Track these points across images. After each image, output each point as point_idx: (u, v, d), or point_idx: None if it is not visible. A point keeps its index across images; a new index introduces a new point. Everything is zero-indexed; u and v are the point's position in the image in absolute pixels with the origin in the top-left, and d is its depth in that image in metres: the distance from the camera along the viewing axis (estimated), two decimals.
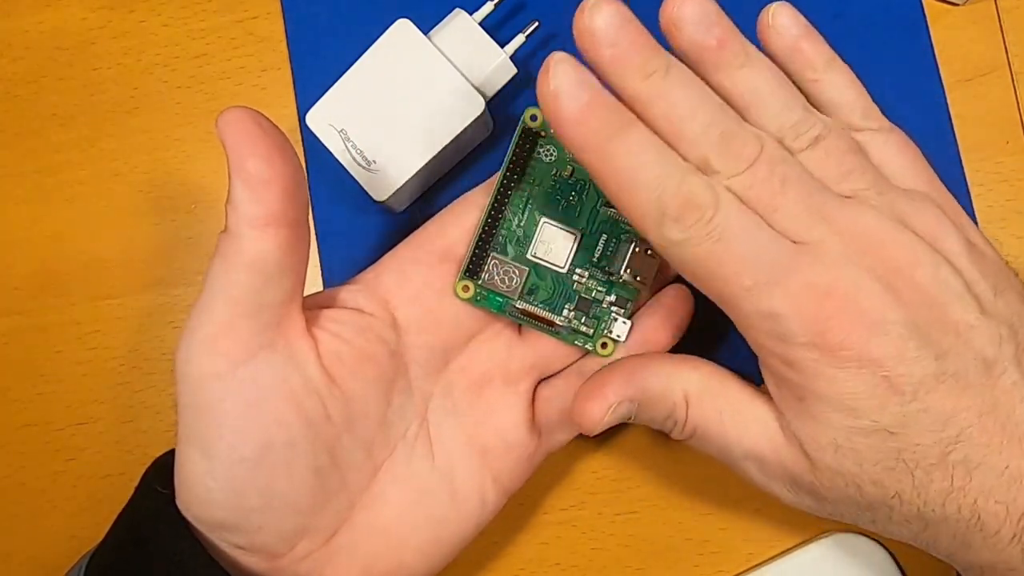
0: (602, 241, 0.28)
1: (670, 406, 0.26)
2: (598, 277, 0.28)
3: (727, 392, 0.26)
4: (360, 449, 0.27)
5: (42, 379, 0.34)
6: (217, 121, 0.23)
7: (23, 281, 0.34)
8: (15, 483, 0.33)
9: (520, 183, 0.28)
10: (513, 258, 0.28)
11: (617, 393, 0.26)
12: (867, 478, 0.24)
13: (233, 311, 0.24)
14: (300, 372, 0.25)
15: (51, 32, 0.34)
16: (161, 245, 0.34)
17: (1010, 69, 0.32)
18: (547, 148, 0.28)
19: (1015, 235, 0.32)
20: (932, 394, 0.23)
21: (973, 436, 0.23)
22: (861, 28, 0.32)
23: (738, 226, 0.23)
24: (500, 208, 0.28)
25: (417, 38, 0.29)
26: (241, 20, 0.34)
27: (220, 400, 0.24)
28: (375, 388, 0.27)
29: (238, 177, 0.23)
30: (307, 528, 0.26)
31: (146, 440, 0.33)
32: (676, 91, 0.24)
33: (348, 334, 0.26)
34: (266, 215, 0.23)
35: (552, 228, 0.28)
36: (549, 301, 0.28)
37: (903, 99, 0.32)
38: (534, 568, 0.32)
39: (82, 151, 0.34)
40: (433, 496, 0.28)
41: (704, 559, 0.32)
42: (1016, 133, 0.32)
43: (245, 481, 0.24)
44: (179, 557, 0.25)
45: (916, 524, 0.24)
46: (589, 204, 0.28)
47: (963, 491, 0.23)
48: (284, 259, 0.24)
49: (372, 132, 0.29)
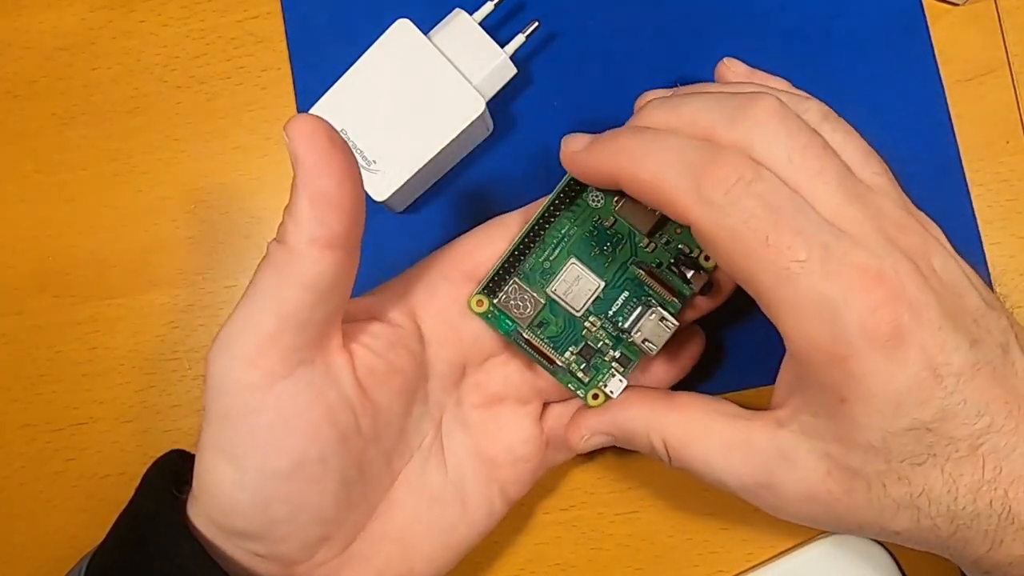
0: (623, 298, 0.28)
1: (648, 447, 0.27)
2: (608, 330, 0.28)
3: (712, 434, 0.26)
4: (382, 459, 0.27)
5: (42, 379, 0.34)
6: (287, 128, 0.23)
7: (23, 281, 0.34)
8: (15, 483, 0.33)
9: (561, 218, 0.27)
10: (533, 288, 0.28)
11: (590, 428, 0.28)
12: (894, 475, 0.23)
13: (281, 326, 0.23)
14: (336, 388, 0.25)
15: (51, 32, 0.34)
16: (161, 245, 0.34)
17: (1010, 69, 0.32)
18: (596, 194, 0.27)
19: (1015, 235, 0.31)
20: (970, 384, 0.22)
21: (1003, 425, 0.23)
22: (861, 28, 0.32)
23: (787, 196, 0.23)
24: (535, 237, 0.27)
25: (417, 38, 0.29)
26: (241, 20, 0.34)
27: (256, 413, 0.24)
28: (400, 399, 0.27)
29: (307, 195, 0.23)
30: (328, 537, 0.26)
31: (146, 440, 0.33)
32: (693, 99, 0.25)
33: (381, 348, 0.26)
34: (330, 237, 0.23)
35: (578, 270, 0.28)
36: (555, 339, 0.28)
37: (903, 99, 0.32)
38: (534, 568, 0.32)
39: (82, 151, 0.34)
40: (444, 505, 0.28)
41: (704, 559, 0.32)
42: (1016, 133, 0.32)
43: (275, 493, 0.24)
44: (180, 559, 0.24)
45: (945, 527, 0.23)
46: (621, 258, 0.28)
47: (994, 483, 0.23)
48: (339, 280, 0.24)
49: (372, 132, 0.29)
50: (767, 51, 0.32)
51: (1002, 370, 0.23)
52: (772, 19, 0.32)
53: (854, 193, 0.24)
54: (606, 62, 0.32)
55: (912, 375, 0.22)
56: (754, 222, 0.22)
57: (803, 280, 0.22)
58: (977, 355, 0.23)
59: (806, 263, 0.22)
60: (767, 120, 0.24)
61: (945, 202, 0.31)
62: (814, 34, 0.32)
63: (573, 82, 0.32)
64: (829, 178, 0.23)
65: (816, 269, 0.22)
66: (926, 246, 0.24)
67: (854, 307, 0.22)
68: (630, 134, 0.25)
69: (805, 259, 0.22)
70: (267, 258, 0.24)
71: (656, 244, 0.27)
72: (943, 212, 0.26)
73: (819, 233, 0.22)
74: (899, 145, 0.31)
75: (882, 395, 0.22)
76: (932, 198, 0.26)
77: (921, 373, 0.22)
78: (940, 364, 0.22)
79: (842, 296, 0.22)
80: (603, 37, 0.32)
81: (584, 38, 0.32)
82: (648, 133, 0.25)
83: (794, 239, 0.22)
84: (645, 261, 0.28)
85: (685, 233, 0.27)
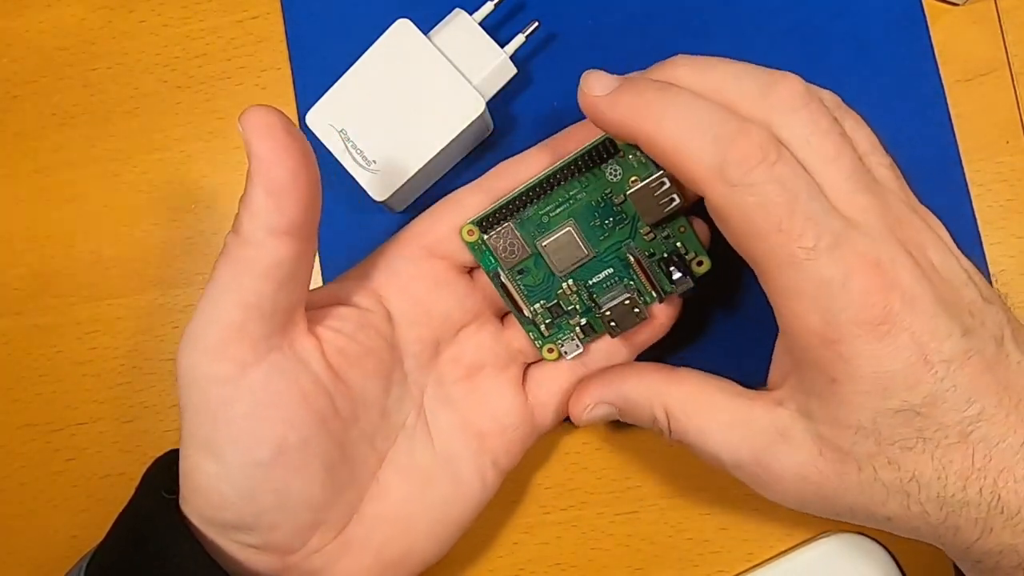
0: (606, 273, 0.28)
1: (650, 416, 0.27)
2: (582, 297, 0.28)
3: (713, 408, 0.26)
4: (365, 441, 0.27)
5: (42, 379, 0.34)
6: (242, 119, 0.23)
7: (23, 281, 0.34)
8: (15, 483, 0.33)
9: (573, 180, 0.27)
10: (524, 236, 0.28)
11: (594, 396, 0.28)
12: (884, 458, 0.23)
13: (244, 315, 0.23)
14: (307, 371, 0.25)
15: (51, 32, 0.34)
16: (161, 245, 0.34)
17: (1010, 69, 0.32)
18: (615, 168, 0.27)
19: (1015, 235, 0.31)
20: (960, 371, 0.23)
21: (993, 415, 0.23)
22: (861, 28, 0.32)
23: (804, 181, 0.23)
24: (543, 189, 0.27)
25: (417, 38, 0.29)
26: (241, 20, 0.34)
27: (230, 405, 0.24)
28: (375, 380, 0.27)
29: (261, 184, 0.23)
30: (320, 523, 0.26)
31: (146, 440, 0.33)
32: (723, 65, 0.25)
33: (349, 330, 0.26)
34: (287, 225, 0.23)
35: (573, 235, 0.28)
36: (531, 289, 0.28)
37: (903, 99, 0.32)
38: (534, 567, 0.32)
39: (82, 151, 0.34)
40: (436, 481, 0.28)
41: (704, 559, 0.32)
42: (1016, 133, 0.32)
43: (260, 483, 0.24)
44: (179, 558, 0.24)
45: (935, 514, 0.24)
46: (618, 237, 0.28)
47: (983, 472, 0.23)
48: (297, 267, 0.24)
49: (372, 132, 0.29)
50: (768, 50, 0.32)
51: (994, 361, 0.23)
52: (773, 18, 0.32)
53: (864, 183, 0.24)
54: (606, 62, 0.32)
55: (902, 359, 0.23)
56: (770, 207, 0.23)
57: (807, 266, 0.23)
58: (969, 344, 0.23)
59: (812, 250, 0.23)
60: (793, 99, 0.24)
61: (945, 201, 0.30)
62: (815, 34, 0.32)
63: (573, 82, 0.32)
64: (843, 165, 0.24)
65: (821, 257, 0.23)
66: (926, 239, 0.24)
67: (848, 292, 0.23)
68: (658, 91, 0.24)
69: (812, 246, 0.23)
70: (225, 251, 0.24)
71: (656, 235, 0.27)
72: (943, 211, 0.26)
73: (828, 221, 0.23)
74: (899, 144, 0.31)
75: (871, 376, 0.23)
76: (932, 197, 0.26)
77: (911, 357, 0.23)
78: (931, 350, 0.23)
79: (839, 281, 0.23)
80: (603, 37, 0.32)
81: (584, 38, 0.32)
82: (677, 93, 0.24)
83: (805, 226, 0.23)
84: (639, 247, 0.28)
85: (689, 234, 0.27)
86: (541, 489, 0.32)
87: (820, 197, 0.23)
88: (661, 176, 0.26)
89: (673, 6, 0.32)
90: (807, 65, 0.31)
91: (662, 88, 0.24)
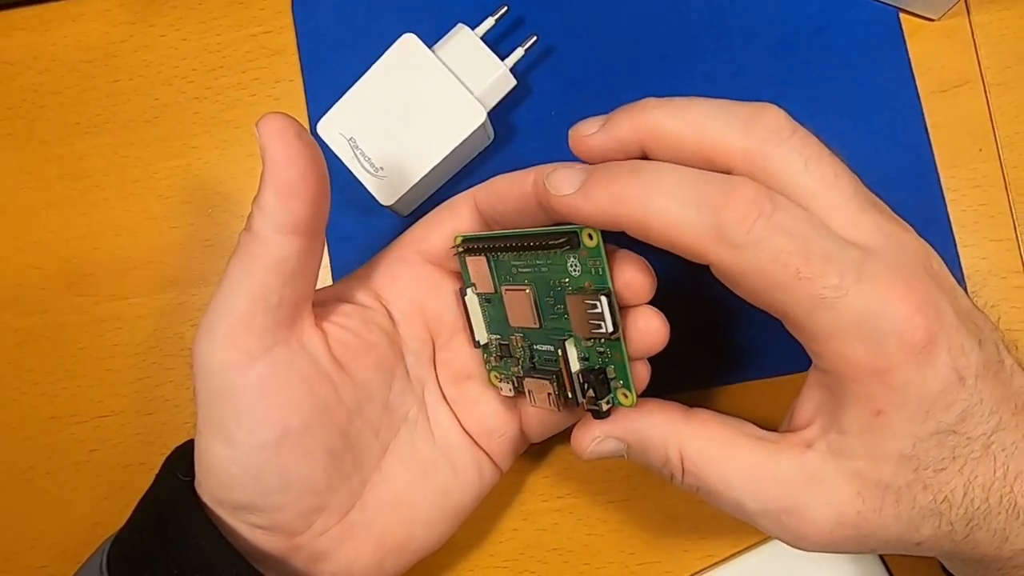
0: (545, 348, 0.26)
1: (663, 458, 0.25)
2: (526, 353, 0.27)
3: (735, 452, 0.24)
4: (369, 431, 0.27)
5: (67, 374, 0.34)
6: (258, 124, 0.23)
7: (49, 281, 0.34)
8: (42, 472, 0.34)
9: (543, 252, 0.25)
10: (495, 275, 0.27)
11: (604, 430, 0.25)
12: (920, 484, 0.22)
13: (253, 307, 0.24)
14: (312, 360, 0.25)
15: (76, 46, 0.35)
16: (180, 247, 0.34)
17: (983, 81, 0.32)
18: (575, 263, 0.24)
19: (988, 238, 0.32)
20: (985, 383, 0.22)
21: (1008, 421, 0.22)
22: (842, 42, 0.32)
23: (807, 221, 0.21)
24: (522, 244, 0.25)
25: (422, 51, 0.29)
26: (255, 35, 0.34)
27: (239, 390, 0.24)
28: (378, 373, 0.27)
29: (272, 185, 0.24)
30: (324, 506, 0.26)
31: (165, 432, 0.33)
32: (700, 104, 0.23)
33: (352, 325, 0.27)
34: (294, 223, 0.24)
35: (528, 299, 0.25)
36: (492, 320, 0.27)
37: (882, 109, 0.32)
38: (533, 552, 0.32)
39: (105, 158, 0.34)
40: (436, 471, 0.28)
41: (694, 544, 0.32)
42: (988, 141, 0.32)
43: (265, 465, 0.25)
44: (195, 540, 0.25)
45: (961, 530, 0.22)
46: (562, 324, 0.25)
47: (1003, 480, 0.22)
48: (303, 263, 0.24)
49: (380, 140, 0.30)
50: (755, 64, 0.32)
51: (999, 368, 0.22)
52: (759, 33, 0.32)
53: (867, 200, 0.23)
54: (600, 74, 0.33)
55: (942, 379, 0.21)
56: (783, 258, 0.21)
57: (839, 304, 0.21)
58: (986, 355, 0.22)
59: (839, 287, 0.21)
60: (780, 129, 0.22)
61: (921, 206, 0.31)
62: (799, 48, 0.32)
63: (569, 93, 0.33)
64: (845, 186, 0.22)
65: (850, 290, 0.21)
66: (925, 249, 0.23)
67: (891, 319, 0.21)
68: (630, 172, 0.22)
69: (838, 284, 0.21)
70: (237, 247, 0.24)
71: (594, 344, 0.24)
72: (920, 216, 0.25)
73: (845, 254, 0.21)
74: (878, 152, 0.32)
75: (916, 401, 0.21)
76: (909, 202, 0.26)
77: (949, 376, 0.21)
78: (962, 366, 0.22)
79: (876, 310, 0.21)
80: (598, 50, 0.33)
81: (579, 52, 0.33)
82: (648, 169, 0.22)
83: (825, 266, 0.21)
84: (576, 347, 0.25)
85: (622, 365, 0.24)
86: (539, 478, 0.32)
87: (828, 232, 0.22)
88: (596, 301, 0.23)
89: (664, 22, 0.33)
90: (792, 77, 0.32)
91: (634, 169, 0.22)
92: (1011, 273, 0.31)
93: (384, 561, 0.27)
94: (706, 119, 0.23)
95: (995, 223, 0.32)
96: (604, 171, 0.23)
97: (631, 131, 0.23)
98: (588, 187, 0.23)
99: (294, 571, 0.27)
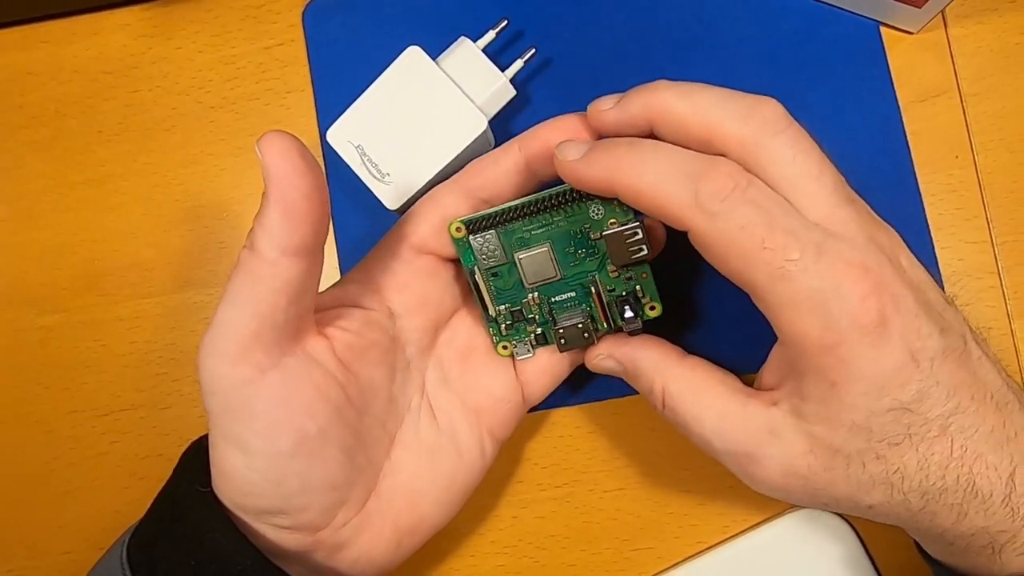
0: (568, 295, 0.28)
1: (649, 387, 0.27)
2: (543, 309, 0.29)
3: (712, 397, 0.26)
4: (377, 425, 0.27)
5: (88, 370, 0.34)
6: (260, 143, 0.22)
7: (71, 282, 0.34)
8: (64, 463, 0.34)
9: (558, 209, 0.27)
10: (505, 245, 0.28)
11: (609, 349, 0.28)
12: (872, 453, 0.23)
13: (261, 326, 0.23)
14: (320, 367, 0.25)
15: (97, 58, 0.35)
16: (195, 249, 0.34)
17: (959, 91, 0.32)
18: (598, 207, 0.27)
19: (964, 240, 0.32)
20: (942, 367, 0.23)
21: (967, 407, 0.23)
22: (825, 53, 0.32)
23: (776, 200, 0.23)
24: (532, 209, 0.27)
25: (426, 63, 0.30)
26: (268, 47, 0.34)
27: (252, 403, 0.24)
28: (381, 369, 0.27)
29: (278, 206, 0.23)
30: (343, 501, 0.26)
31: (182, 425, 0.34)
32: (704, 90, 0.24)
33: (355, 327, 0.27)
34: (298, 245, 0.23)
35: (547, 256, 0.28)
36: (499, 291, 0.29)
37: (863, 118, 0.32)
38: (532, 538, 0.33)
39: (124, 165, 0.34)
40: (441, 455, 0.28)
41: (684, 531, 0.32)
42: (964, 148, 0.32)
43: (285, 470, 0.25)
44: (212, 533, 0.25)
45: (916, 502, 0.23)
46: (586, 267, 0.28)
47: (960, 460, 0.23)
48: (307, 282, 0.24)
49: (386, 147, 0.30)
50: (743, 73, 0.32)
51: (964, 356, 0.23)
52: (746, 44, 0.33)
53: (846, 196, 0.24)
54: (596, 84, 0.33)
55: (896, 359, 0.22)
56: (750, 227, 0.22)
57: (797, 277, 0.22)
58: (946, 341, 0.23)
59: (799, 261, 0.22)
60: (776, 121, 0.24)
61: (901, 210, 0.31)
62: (784, 59, 0.32)
63: (566, 102, 0.32)
64: (827, 181, 0.23)
65: (808, 266, 0.22)
66: (897, 246, 0.24)
67: (843, 298, 0.22)
68: (628, 146, 0.25)
69: (798, 258, 0.22)
70: (240, 265, 0.23)
71: (620, 274, 0.28)
72: (899, 219, 0.26)
73: (808, 233, 0.23)
74: (859, 158, 0.32)
75: (869, 377, 0.22)
76: (889, 206, 0.26)
77: (903, 357, 0.22)
78: (918, 349, 0.22)
79: (832, 289, 0.22)
80: (592, 62, 0.33)
81: (575, 63, 0.33)
82: (643, 145, 0.24)
83: (786, 239, 0.22)
84: (603, 281, 0.28)
85: (649, 281, 0.28)
86: (537, 468, 0.33)
87: (795, 213, 0.23)
88: (637, 226, 0.26)
89: (655, 37, 0.33)
90: (778, 85, 0.32)
91: (631, 144, 0.25)
92: (986, 274, 0.32)
93: (400, 543, 0.28)
94: (710, 105, 0.24)
95: (971, 226, 0.32)
96: (606, 143, 0.25)
97: (643, 108, 0.25)
98: (591, 155, 0.25)
99: (316, 563, 0.27)
